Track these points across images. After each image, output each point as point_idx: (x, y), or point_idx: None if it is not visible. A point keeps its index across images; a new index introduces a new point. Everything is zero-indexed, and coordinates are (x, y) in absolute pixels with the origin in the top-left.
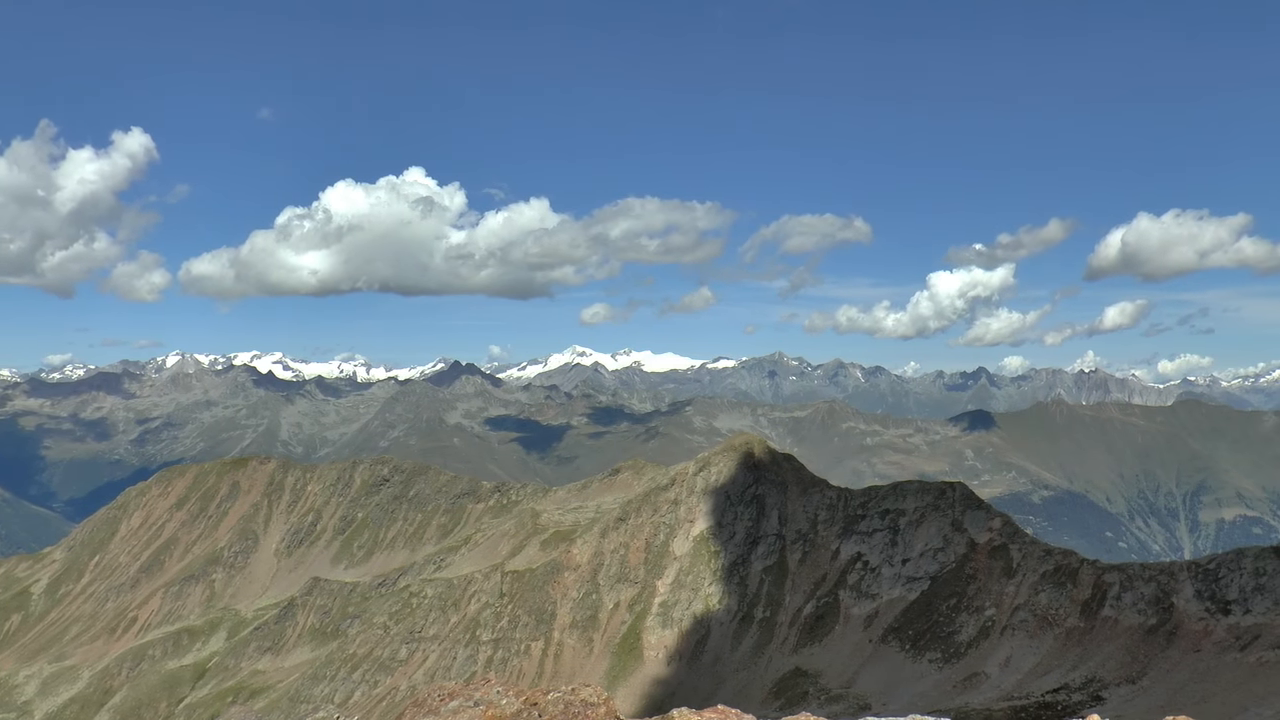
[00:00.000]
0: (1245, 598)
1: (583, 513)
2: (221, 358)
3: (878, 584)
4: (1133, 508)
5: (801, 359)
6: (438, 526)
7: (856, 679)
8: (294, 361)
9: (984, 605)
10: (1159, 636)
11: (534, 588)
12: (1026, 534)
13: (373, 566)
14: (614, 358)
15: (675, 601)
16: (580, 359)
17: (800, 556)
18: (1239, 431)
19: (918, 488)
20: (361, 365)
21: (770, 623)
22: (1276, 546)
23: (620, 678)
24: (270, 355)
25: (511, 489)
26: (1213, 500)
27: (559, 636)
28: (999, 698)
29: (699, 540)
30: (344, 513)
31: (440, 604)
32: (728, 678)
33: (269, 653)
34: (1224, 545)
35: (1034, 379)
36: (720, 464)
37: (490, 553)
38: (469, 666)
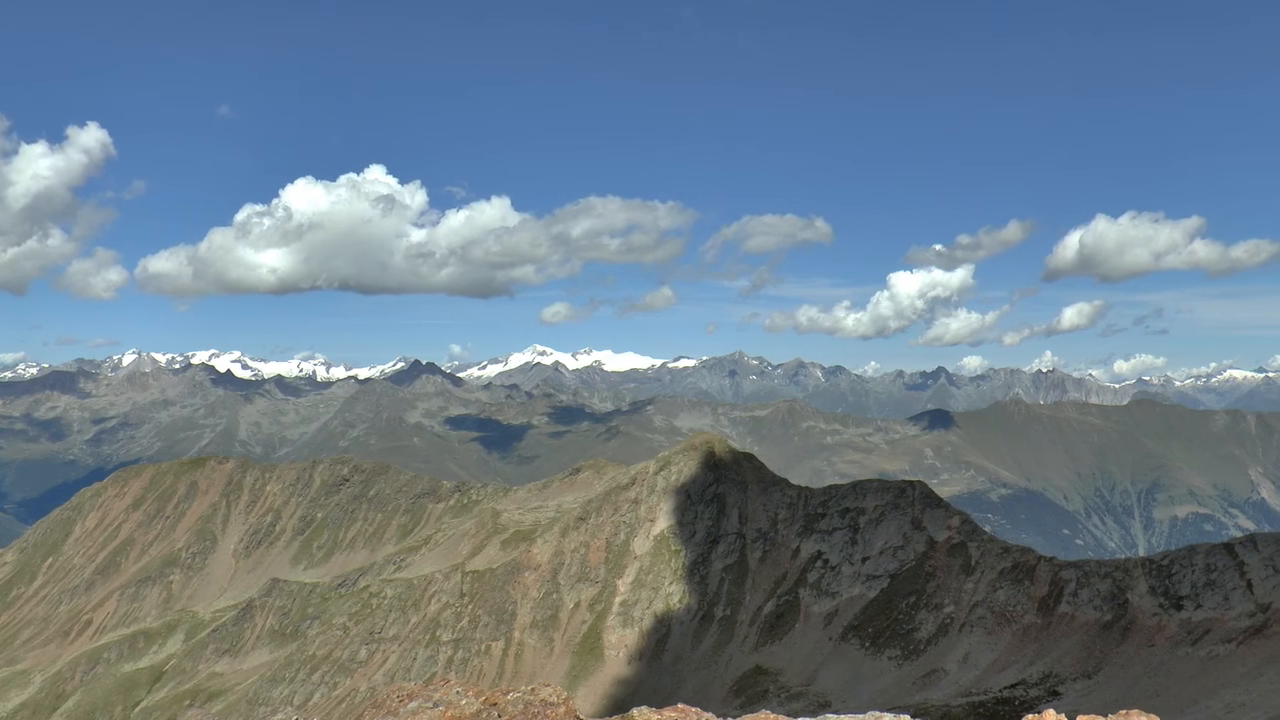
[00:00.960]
0: (1197, 593)
1: (543, 512)
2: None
3: (838, 582)
4: (1089, 505)
5: (762, 358)
6: (398, 526)
7: (817, 677)
8: (253, 360)
9: (943, 603)
10: (1114, 632)
11: (494, 587)
12: (985, 532)
13: (332, 567)
14: (575, 357)
15: (636, 601)
16: (541, 358)
17: (760, 555)
18: (1191, 430)
19: (877, 486)
20: (321, 364)
21: (731, 621)
22: (1227, 543)
23: (581, 677)
24: (229, 354)
25: (472, 489)
26: (1166, 498)
27: (519, 636)
28: (958, 694)
29: (660, 539)
30: (303, 513)
31: (400, 604)
32: (688, 676)
33: (227, 655)
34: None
35: (992, 379)
36: (681, 463)
37: (450, 553)
38: (429, 667)
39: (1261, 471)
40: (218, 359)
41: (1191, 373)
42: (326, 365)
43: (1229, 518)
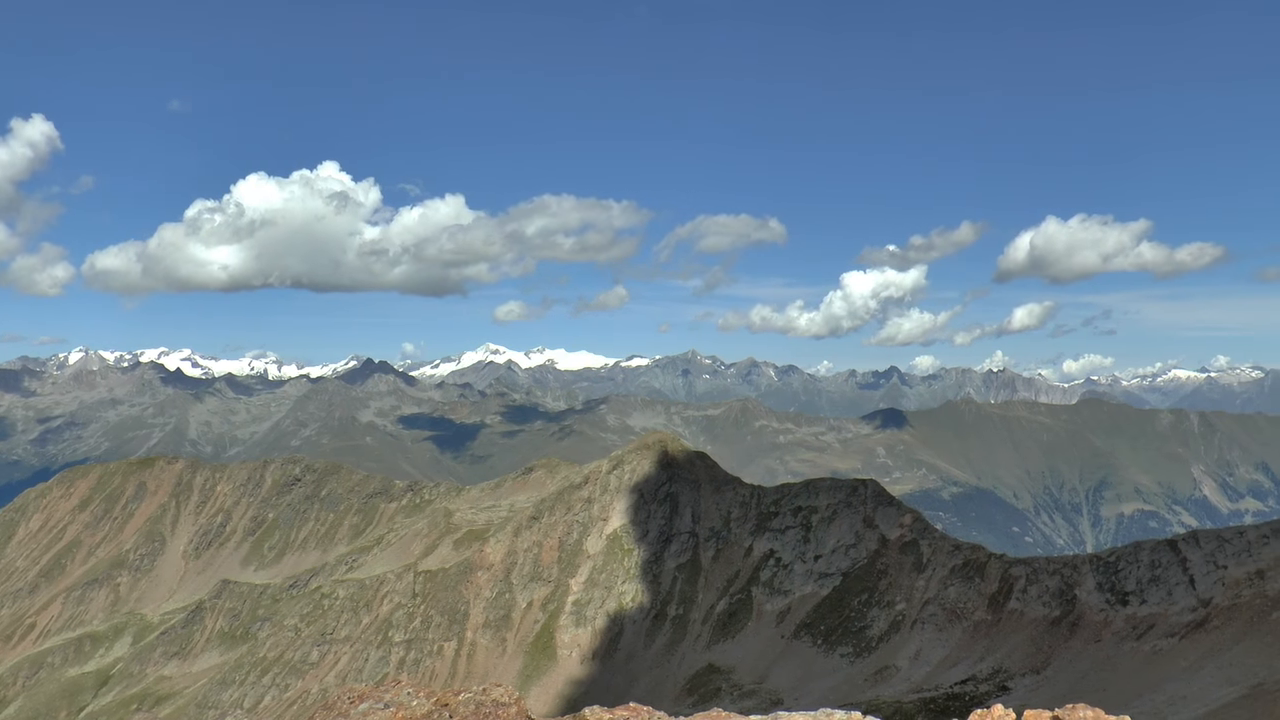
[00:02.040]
0: (1142, 589)
1: (496, 512)
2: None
3: (790, 580)
4: (1038, 503)
5: (715, 358)
6: (350, 526)
7: (769, 674)
8: (203, 359)
9: (895, 600)
10: (1062, 628)
11: (447, 587)
12: (936, 530)
13: (284, 568)
14: (528, 356)
15: (589, 600)
16: (494, 357)
17: (713, 554)
18: (1137, 429)
19: (830, 485)
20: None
21: (683, 620)
22: (1170, 540)
23: (534, 677)
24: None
25: (424, 488)
26: (1113, 495)
27: (472, 636)
28: (909, 690)
29: (613, 538)
30: (254, 513)
31: (352, 605)
32: (641, 675)
33: (176, 658)
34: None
35: (944, 378)
36: (634, 462)
37: (403, 553)
38: (381, 668)
39: (1203, 469)
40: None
41: (1138, 373)
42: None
43: (1173, 514)
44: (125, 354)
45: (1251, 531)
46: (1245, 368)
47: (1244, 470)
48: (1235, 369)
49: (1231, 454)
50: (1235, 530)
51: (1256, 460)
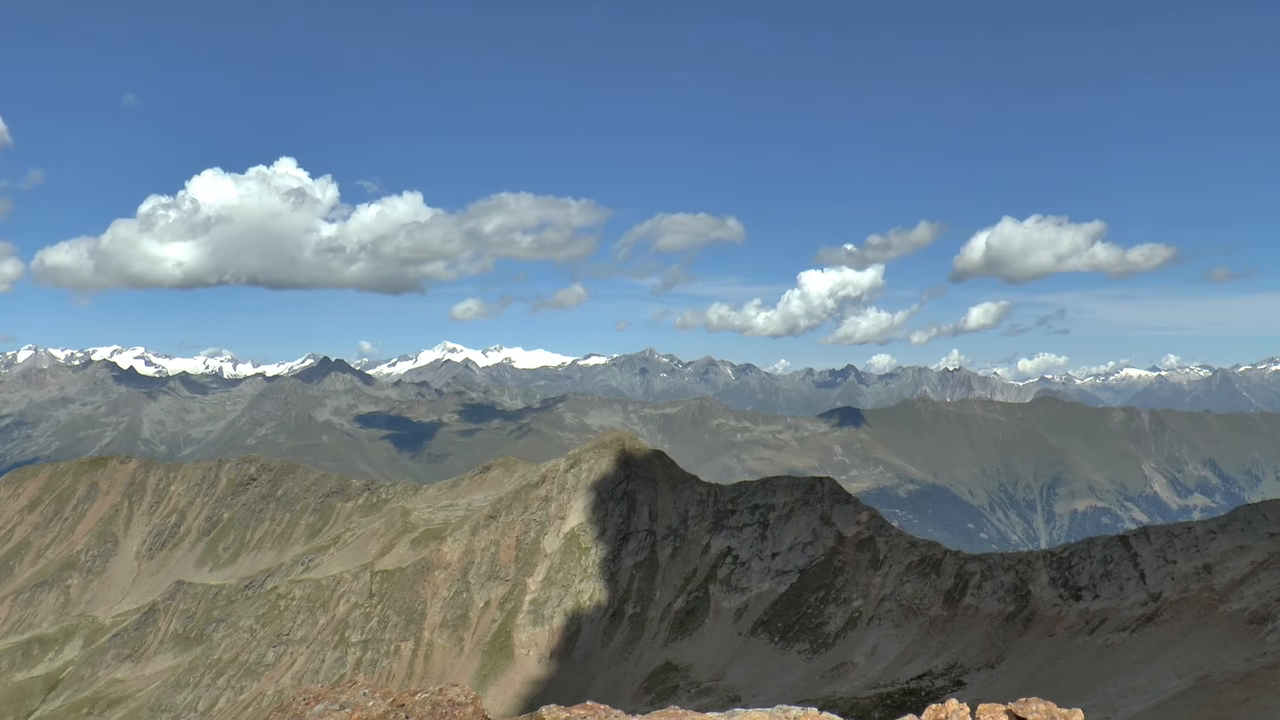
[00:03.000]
0: (1094, 584)
1: (453, 511)
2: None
3: (747, 578)
4: (993, 500)
5: (672, 356)
6: (306, 526)
7: (727, 671)
8: (157, 357)
9: (851, 596)
10: (1017, 623)
11: (404, 587)
12: (893, 527)
13: (239, 568)
14: (485, 354)
15: (546, 599)
16: (451, 355)
17: (671, 552)
18: (1090, 427)
19: (787, 483)
20: (228, 361)
21: (641, 618)
22: (1122, 536)
23: (491, 676)
24: (132, 350)
25: (381, 487)
26: (1067, 492)
27: (429, 636)
28: (865, 686)
29: (570, 537)
30: (209, 513)
31: (308, 605)
32: (599, 674)
33: (128, 660)
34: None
35: (901, 377)
36: (591, 461)
37: (360, 552)
38: (338, 669)
39: (1154, 466)
40: (120, 355)
41: (1091, 371)
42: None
43: (1124, 511)
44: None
45: (1199, 527)
46: (1194, 367)
47: (1193, 467)
48: (1185, 368)
49: (1181, 451)
50: (1184, 526)
51: (1205, 457)
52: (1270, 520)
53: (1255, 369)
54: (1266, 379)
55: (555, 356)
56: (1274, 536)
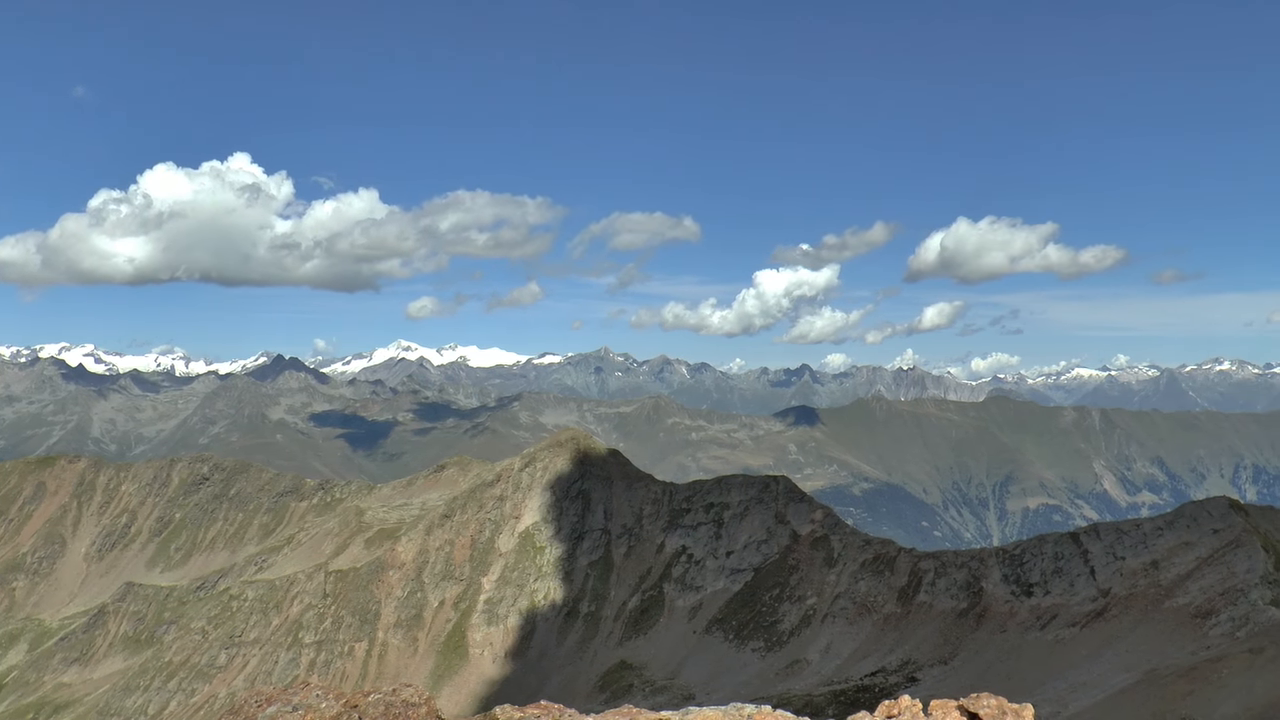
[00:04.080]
0: (1045, 580)
1: (408, 510)
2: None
3: (702, 576)
4: (947, 498)
5: (628, 355)
6: (260, 526)
7: (681, 670)
8: (107, 354)
9: (806, 594)
10: (969, 619)
11: (358, 587)
12: (847, 525)
13: (191, 569)
14: (440, 352)
15: (501, 598)
16: (406, 353)
17: (625, 550)
18: (1042, 425)
19: (742, 481)
20: (180, 358)
21: (596, 617)
22: (1072, 533)
23: (446, 676)
24: (81, 347)
25: (335, 486)
26: (1019, 490)
27: (383, 636)
28: (820, 683)
29: (525, 536)
30: (161, 513)
31: (261, 606)
32: (553, 673)
33: (76, 664)
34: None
35: (855, 376)
36: (546, 460)
37: (313, 552)
38: (291, 670)
39: (1104, 464)
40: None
41: (1043, 371)
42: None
43: (1075, 508)
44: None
45: (1147, 524)
46: (1143, 366)
47: (1141, 465)
48: (1134, 368)
49: (1130, 449)
50: (1133, 523)
51: (1153, 455)
52: (1214, 517)
53: (1201, 369)
54: (1211, 379)
55: (510, 355)
56: (1218, 533)
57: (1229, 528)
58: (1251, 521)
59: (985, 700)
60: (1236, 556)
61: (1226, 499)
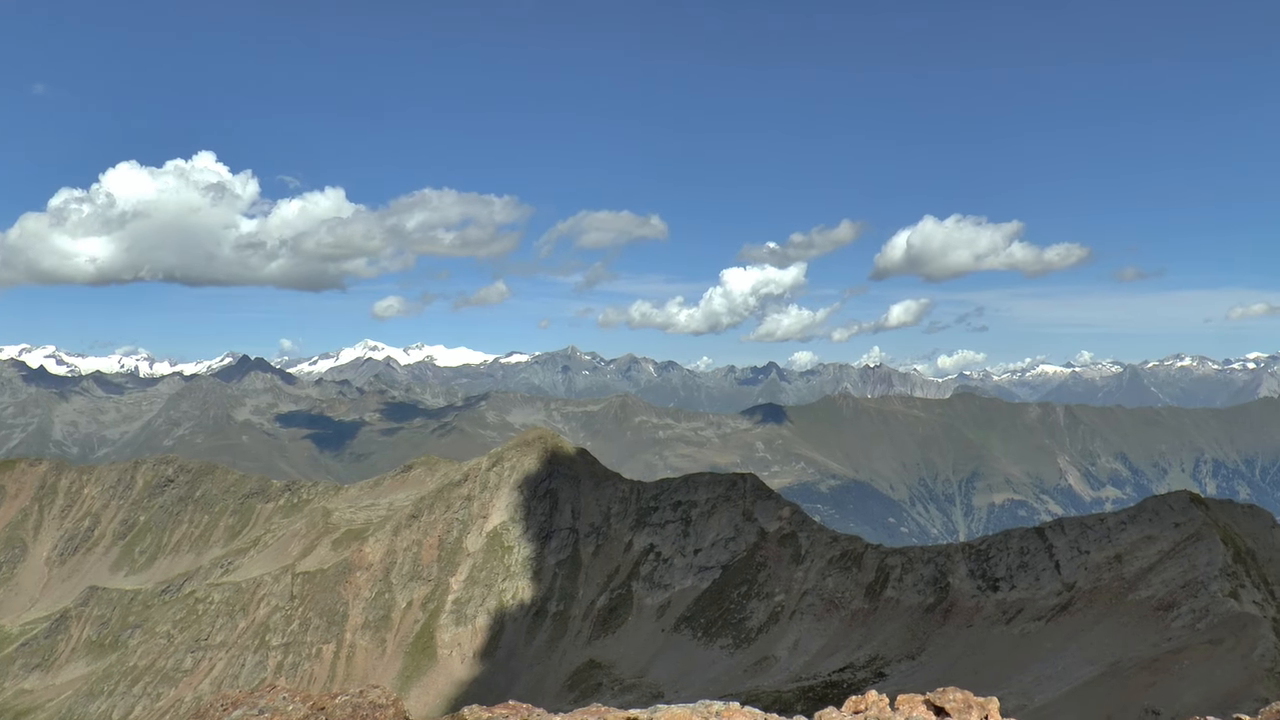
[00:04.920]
0: (1011, 575)
1: (375, 510)
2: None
3: (670, 574)
4: (914, 494)
5: (595, 354)
6: (226, 528)
7: (650, 668)
8: (69, 355)
9: (774, 591)
10: (936, 614)
11: (325, 589)
12: (814, 522)
13: (156, 572)
14: (406, 352)
15: (469, 598)
16: (372, 353)
17: (594, 549)
18: (1008, 422)
19: (709, 479)
20: (144, 359)
21: (564, 616)
22: (1038, 528)
23: (414, 677)
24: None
25: (302, 487)
26: (985, 486)
27: (351, 638)
28: (788, 679)
29: (492, 536)
30: (124, 516)
31: (228, 609)
32: (522, 673)
33: (38, 670)
34: (994, 527)
35: (822, 373)
36: (514, 459)
37: (280, 554)
38: (258, 673)
39: (1069, 460)
40: (29, 354)
41: (1008, 368)
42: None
43: (1040, 503)
44: None
45: (1111, 518)
46: (1106, 363)
47: (1105, 460)
48: (1097, 364)
49: (1094, 445)
50: (1096, 517)
51: (1116, 450)
52: (1176, 511)
53: (1163, 365)
54: (1173, 374)
55: (477, 354)
56: (1179, 526)
57: (1190, 521)
58: (1211, 515)
59: (951, 694)
60: (1197, 550)
61: (1187, 493)
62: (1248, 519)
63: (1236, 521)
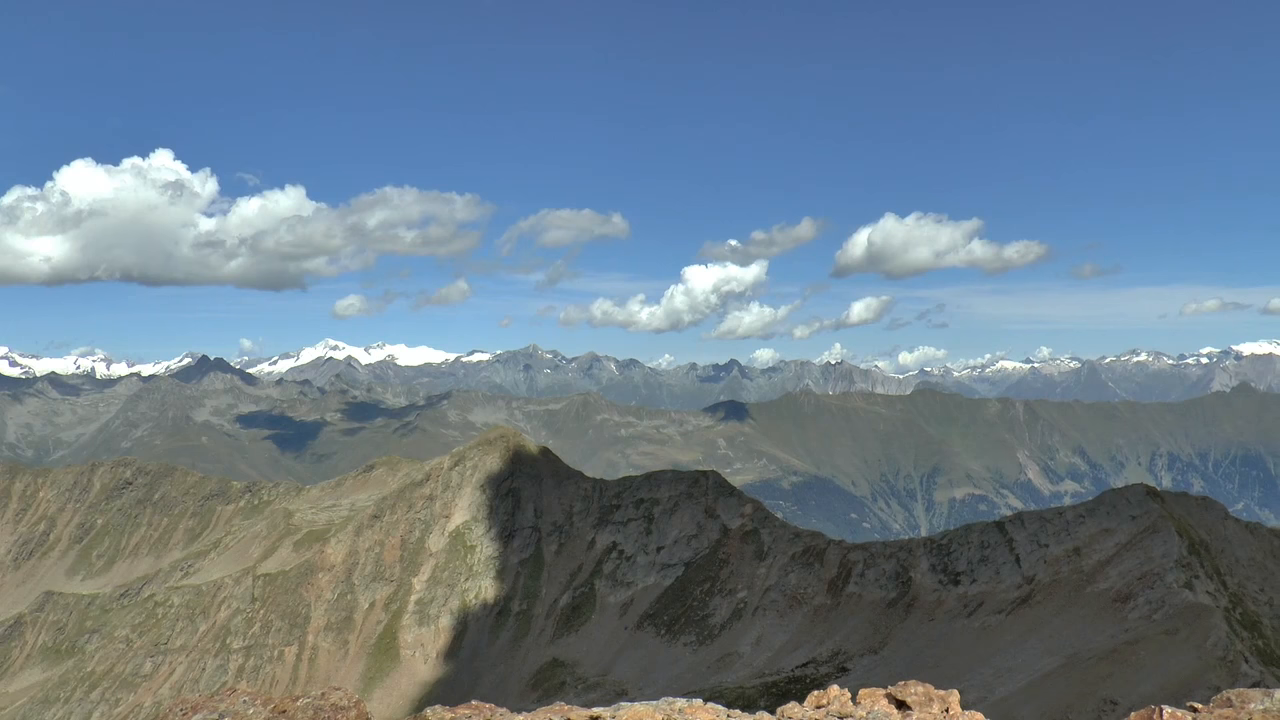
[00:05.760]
0: (972, 569)
1: (337, 511)
2: None
3: (633, 572)
4: (875, 490)
5: (556, 352)
6: (185, 530)
7: (613, 666)
8: (23, 356)
9: (736, 588)
10: (898, 608)
11: (287, 590)
12: (776, 518)
13: (114, 576)
14: (368, 351)
15: (432, 599)
16: (333, 353)
17: (556, 548)
18: (968, 417)
19: (671, 477)
20: (101, 360)
21: (527, 615)
22: (998, 522)
23: (377, 679)
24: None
25: (263, 488)
26: (945, 481)
27: (313, 640)
28: (751, 675)
29: (455, 535)
30: (82, 519)
31: (188, 612)
32: (485, 672)
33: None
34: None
35: (783, 370)
36: (475, 458)
37: (241, 556)
38: (219, 677)
39: (1028, 454)
40: None
41: (968, 364)
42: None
43: (1000, 498)
44: None
45: (1070, 512)
46: (1065, 358)
47: (1063, 454)
48: (1056, 360)
49: (1052, 439)
50: (1055, 511)
51: (1074, 445)
52: (1132, 504)
53: (1120, 360)
54: (1130, 370)
55: (439, 353)
56: (1136, 519)
57: (1146, 514)
58: (1167, 508)
59: (912, 688)
60: (1153, 541)
61: (1144, 486)
62: (1201, 511)
63: (1190, 514)
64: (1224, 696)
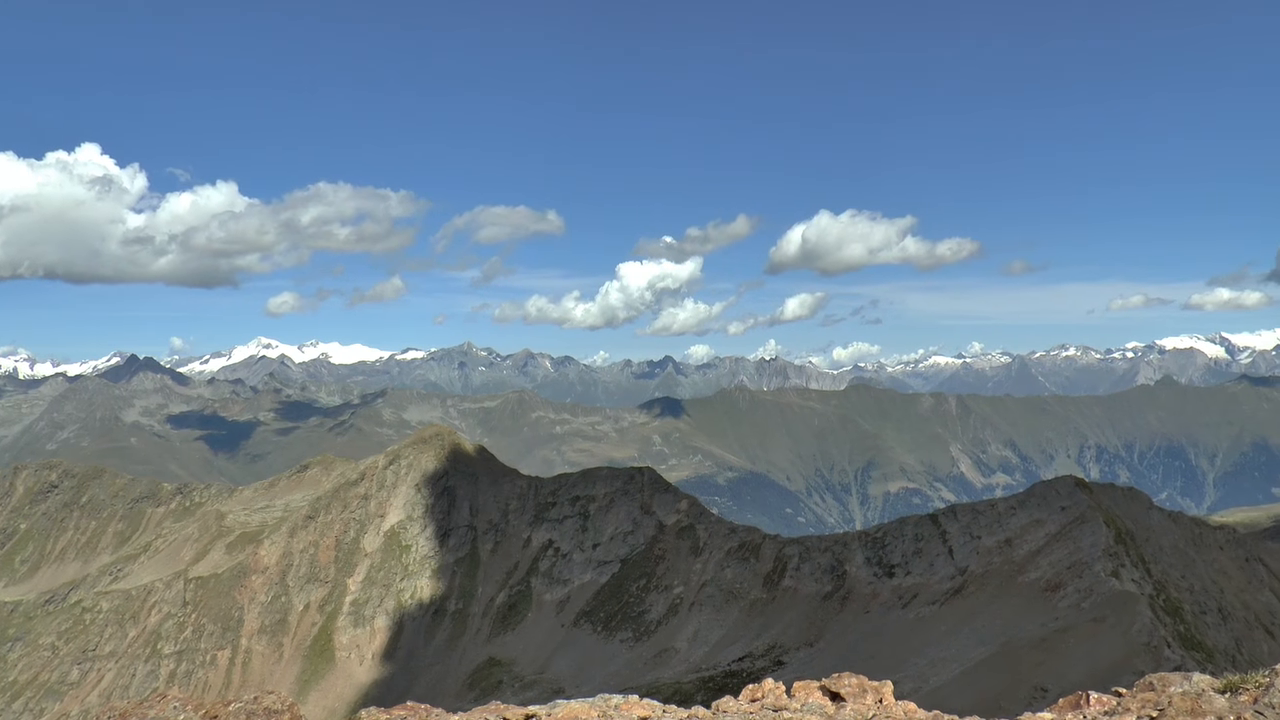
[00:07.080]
0: (906, 561)
1: (270, 512)
2: None
3: (569, 569)
4: (810, 485)
5: (491, 349)
6: (114, 534)
7: (550, 664)
8: None
9: (673, 584)
10: (834, 601)
11: (220, 593)
12: (712, 514)
13: (39, 582)
14: (301, 349)
15: (367, 599)
16: (266, 351)
17: (492, 546)
18: (902, 412)
19: (607, 474)
20: (24, 360)
21: (463, 614)
22: (932, 515)
23: (313, 681)
24: None
25: (194, 490)
26: (880, 475)
27: (247, 643)
28: (688, 670)
29: (390, 535)
30: (4, 524)
31: (117, 618)
32: (422, 673)
33: None
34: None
35: (718, 367)
36: (410, 457)
37: (172, 559)
38: (150, 683)
39: (961, 448)
40: None
41: (902, 359)
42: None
43: (934, 491)
44: None
45: (1001, 504)
46: (996, 353)
47: (995, 448)
48: (987, 355)
49: (984, 433)
50: (988, 504)
51: (1006, 438)
52: (1062, 495)
53: (1049, 355)
54: (1059, 364)
55: (373, 351)
56: (1065, 510)
57: (1075, 505)
58: (1095, 499)
59: (846, 680)
60: (1082, 532)
61: (1073, 478)
62: (1127, 501)
63: (1117, 504)
64: (1146, 681)
